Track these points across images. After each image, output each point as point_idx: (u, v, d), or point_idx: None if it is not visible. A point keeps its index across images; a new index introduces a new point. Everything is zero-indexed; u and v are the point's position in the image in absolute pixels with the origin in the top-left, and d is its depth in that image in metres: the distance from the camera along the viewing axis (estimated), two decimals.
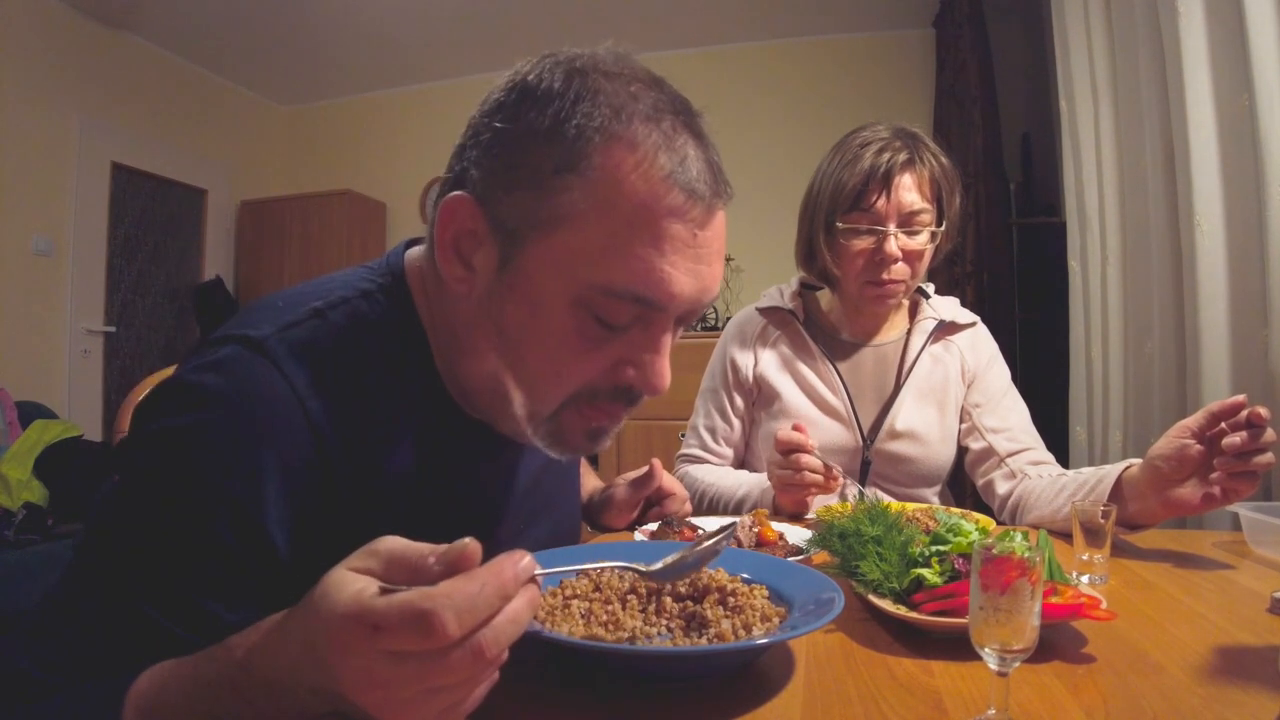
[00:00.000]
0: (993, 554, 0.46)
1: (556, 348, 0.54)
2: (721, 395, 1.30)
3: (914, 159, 1.12)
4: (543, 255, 0.52)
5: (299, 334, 0.55)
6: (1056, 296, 2.51)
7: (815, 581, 0.60)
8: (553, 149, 0.51)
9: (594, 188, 0.51)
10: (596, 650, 0.51)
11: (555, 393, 0.56)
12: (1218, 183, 1.46)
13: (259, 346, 0.53)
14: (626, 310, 0.53)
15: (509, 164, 0.53)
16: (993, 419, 1.20)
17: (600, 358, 0.55)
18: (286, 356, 0.53)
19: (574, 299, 0.52)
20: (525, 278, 0.53)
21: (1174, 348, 1.66)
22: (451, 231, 0.55)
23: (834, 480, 1.03)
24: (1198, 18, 1.47)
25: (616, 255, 0.51)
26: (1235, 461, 0.80)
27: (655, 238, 0.51)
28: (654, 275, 0.51)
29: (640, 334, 0.55)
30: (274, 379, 0.52)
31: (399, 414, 0.59)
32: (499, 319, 0.55)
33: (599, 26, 3.78)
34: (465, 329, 0.59)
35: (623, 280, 0.51)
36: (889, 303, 1.19)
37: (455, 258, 0.56)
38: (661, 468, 0.94)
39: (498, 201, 0.53)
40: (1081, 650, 0.57)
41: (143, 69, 3.79)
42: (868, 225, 1.13)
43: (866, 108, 3.62)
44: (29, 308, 3.28)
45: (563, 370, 0.55)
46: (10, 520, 2.32)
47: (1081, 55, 2.09)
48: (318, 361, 0.55)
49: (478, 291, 0.56)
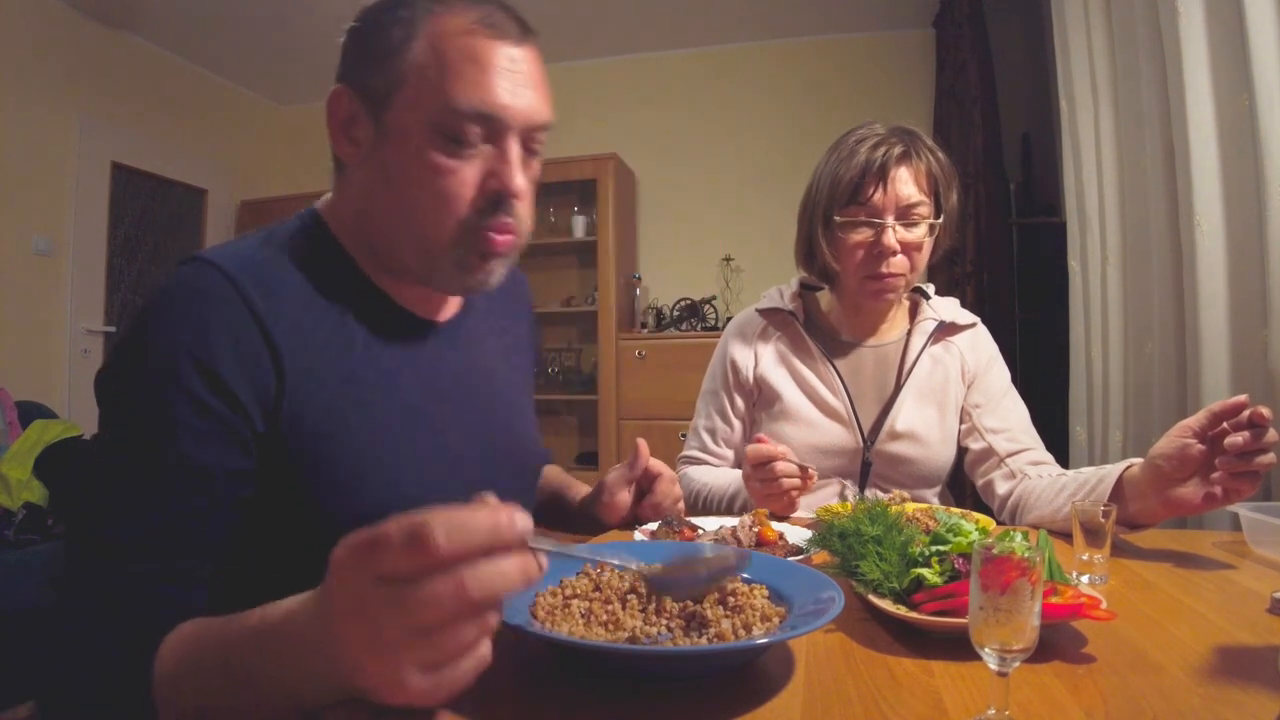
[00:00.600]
0: (993, 554, 0.46)
1: (432, 174, 0.66)
2: (722, 396, 1.30)
3: (910, 153, 1.13)
4: (401, 104, 0.67)
5: (241, 250, 0.68)
6: (1056, 296, 2.51)
7: (815, 581, 0.60)
8: (395, 29, 0.67)
9: (428, 43, 0.66)
10: (596, 650, 0.51)
11: (444, 218, 0.68)
12: (1218, 183, 1.46)
13: (206, 261, 0.65)
14: (473, 127, 0.66)
15: (366, 51, 0.69)
16: (992, 419, 1.20)
17: (467, 175, 0.67)
18: (230, 265, 0.65)
19: (431, 127, 0.66)
20: (394, 127, 0.67)
21: (1174, 348, 1.66)
22: (338, 118, 0.70)
23: (810, 479, 1.04)
24: (1198, 18, 1.47)
25: (454, 83, 0.65)
26: (1237, 461, 0.80)
27: (479, 67, 0.66)
28: (483, 92, 0.66)
29: (492, 151, 0.68)
30: (221, 280, 0.63)
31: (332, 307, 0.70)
32: (384, 169, 0.68)
33: (598, 26, 3.78)
34: (364, 198, 0.71)
35: (463, 99, 0.65)
36: (888, 297, 1.19)
37: (344, 138, 0.70)
38: (647, 448, 0.94)
39: (364, 82, 0.68)
40: (1081, 650, 0.57)
41: (143, 69, 3.79)
42: (865, 218, 1.14)
43: (867, 108, 3.62)
44: (29, 308, 3.28)
45: (441, 191, 0.67)
46: (10, 520, 2.31)
47: (1082, 55, 2.09)
48: (258, 269, 0.66)
49: (365, 156, 0.70)
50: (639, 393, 3.56)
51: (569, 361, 4.00)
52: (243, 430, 0.61)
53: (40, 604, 2.07)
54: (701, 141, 3.94)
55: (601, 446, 3.62)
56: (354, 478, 0.66)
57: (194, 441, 0.59)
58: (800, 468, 1.04)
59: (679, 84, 3.99)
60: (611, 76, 4.10)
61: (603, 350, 3.64)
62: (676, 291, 3.87)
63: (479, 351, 0.83)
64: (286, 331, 0.65)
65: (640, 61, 4.07)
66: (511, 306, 0.93)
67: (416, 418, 0.72)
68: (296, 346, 0.65)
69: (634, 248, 3.98)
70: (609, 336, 3.63)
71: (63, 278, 3.43)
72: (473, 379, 0.81)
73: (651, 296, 3.96)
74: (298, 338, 0.65)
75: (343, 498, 0.65)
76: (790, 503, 1.05)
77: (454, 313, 0.82)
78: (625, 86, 4.08)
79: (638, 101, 4.05)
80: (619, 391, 3.60)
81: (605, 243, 3.65)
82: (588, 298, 3.86)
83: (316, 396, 0.65)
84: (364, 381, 0.69)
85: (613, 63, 4.10)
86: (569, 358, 4.01)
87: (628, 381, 3.58)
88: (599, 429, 3.64)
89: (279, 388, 0.63)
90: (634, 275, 3.86)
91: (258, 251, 0.69)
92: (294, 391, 0.64)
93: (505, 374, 0.87)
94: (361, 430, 0.67)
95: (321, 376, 0.66)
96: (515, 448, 0.85)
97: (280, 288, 0.67)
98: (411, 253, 0.70)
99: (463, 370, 0.80)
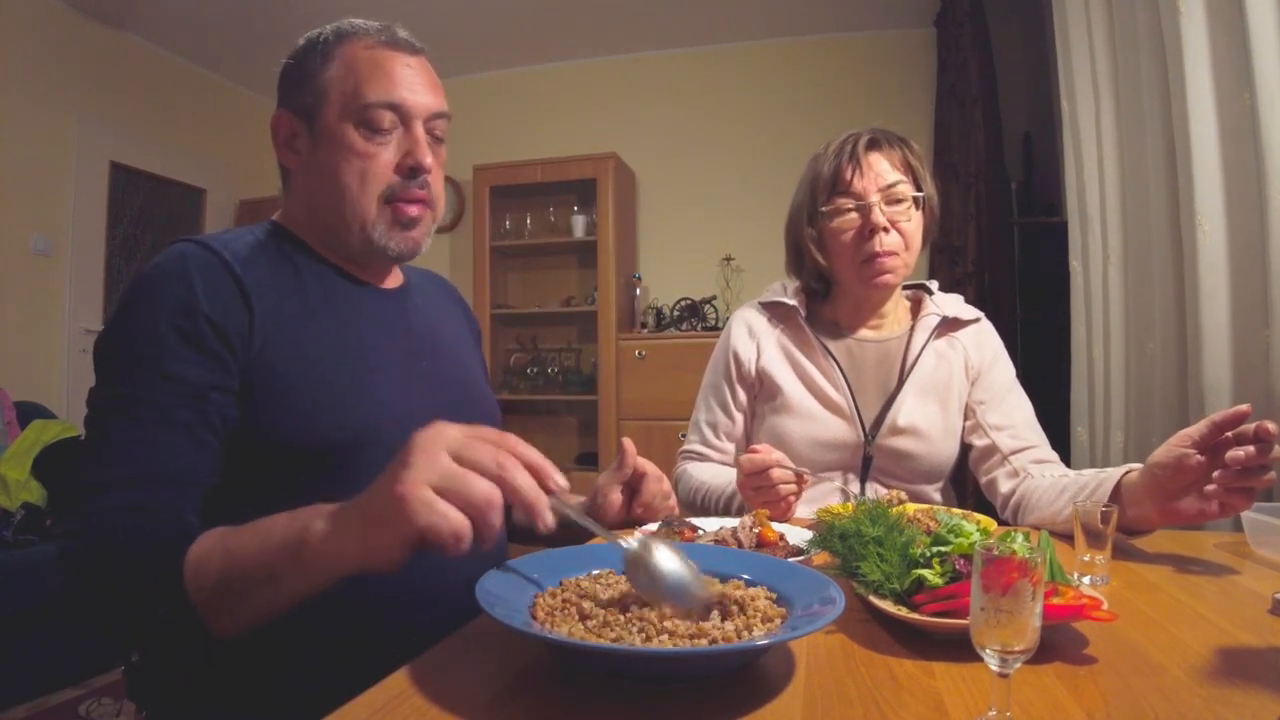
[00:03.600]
0: (994, 555, 0.46)
1: (356, 158, 0.82)
2: (724, 389, 1.30)
3: (879, 141, 1.20)
4: (328, 112, 0.83)
5: (220, 236, 0.81)
6: (1058, 296, 2.51)
7: (816, 582, 0.60)
8: (316, 57, 0.85)
9: (341, 61, 0.84)
10: (597, 651, 0.51)
11: (369, 192, 0.83)
12: (1219, 182, 1.46)
13: (191, 240, 0.78)
14: (384, 114, 0.82)
15: (296, 78, 0.86)
16: (996, 416, 1.20)
17: (384, 156, 0.83)
18: (213, 243, 0.78)
19: (353, 123, 0.82)
20: (324, 131, 0.83)
21: (1175, 347, 1.66)
22: (282, 136, 0.87)
23: (805, 482, 1.05)
24: (1199, 16, 1.47)
25: (365, 85, 0.82)
26: (1237, 476, 0.78)
27: (384, 71, 0.83)
28: (389, 88, 0.83)
29: (403, 136, 0.84)
30: (200, 248, 0.77)
31: (294, 273, 0.83)
32: (320, 166, 0.84)
33: (598, 25, 3.77)
34: (309, 194, 0.86)
35: (373, 96, 0.82)
36: (886, 280, 1.18)
37: (288, 151, 0.87)
38: (634, 447, 0.95)
39: (299, 101, 0.85)
40: (1083, 651, 0.57)
41: (141, 68, 3.78)
42: (851, 203, 1.18)
43: (867, 107, 3.62)
44: (27, 307, 3.27)
45: (365, 171, 0.82)
46: (9, 521, 2.31)
47: (1083, 54, 2.08)
48: (234, 245, 0.79)
49: (305, 162, 0.86)
50: (639, 393, 3.56)
51: (569, 362, 4.00)
52: (223, 353, 0.73)
53: (39, 604, 2.08)
54: (701, 141, 3.93)
55: (601, 447, 3.62)
56: (316, 405, 0.76)
57: (182, 364, 0.71)
58: (796, 473, 1.03)
59: (679, 83, 3.98)
60: (611, 76, 4.10)
61: (602, 350, 3.64)
62: (676, 291, 3.86)
63: (425, 315, 0.97)
64: (256, 283, 0.77)
65: (640, 61, 4.06)
66: (454, 307, 1.07)
67: (371, 355, 0.84)
68: (265, 294, 0.77)
69: (634, 248, 3.97)
70: (609, 336, 3.63)
71: (61, 277, 3.43)
72: (423, 332, 0.94)
73: (651, 296, 3.96)
74: (264, 286, 0.78)
75: (306, 423, 0.75)
76: (788, 508, 1.04)
77: (399, 284, 0.96)
78: (625, 86, 4.08)
79: (637, 101, 4.05)
80: (619, 392, 3.60)
81: (605, 242, 3.65)
82: (587, 298, 3.86)
83: (280, 330, 0.77)
84: (322, 324, 0.81)
85: (613, 62, 4.10)
86: (569, 358, 4.01)
87: (628, 382, 3.58)
88: (599, 429, 3.63)
89: (250, 323, 0.75)
90: (634, 275, 3.86)
91: (236, 234, 0.83)
92: (261, 327, 0.75)
93: (453, 340, 1.00)
94: (320, 362, 0.78)
95: (285, 315, 0.78)
96: (467, 396, 0.96)
97: (251, 256, 0.80)
98: (349, 231, 0.84)
99: (413, 324, 0.93)
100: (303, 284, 0.83)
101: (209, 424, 0.71)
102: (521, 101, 4.22)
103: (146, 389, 0.70)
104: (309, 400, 0.75)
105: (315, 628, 0.71)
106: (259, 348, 0.74)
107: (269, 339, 0.75)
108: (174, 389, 0.70)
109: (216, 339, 0.72)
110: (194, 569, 0.61)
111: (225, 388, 0.72)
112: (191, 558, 0.62)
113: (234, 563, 0.61)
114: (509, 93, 4.23)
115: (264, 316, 0.76)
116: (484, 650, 0.59)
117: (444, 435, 0.55)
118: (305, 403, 0.75)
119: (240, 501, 0.69)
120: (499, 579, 0.60)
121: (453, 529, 0.52)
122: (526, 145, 4.02)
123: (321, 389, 0.77)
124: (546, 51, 4.06)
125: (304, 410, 0.75)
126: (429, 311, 0.98)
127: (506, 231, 4.00)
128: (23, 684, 2.14)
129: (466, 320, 1.09)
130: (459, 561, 0.55)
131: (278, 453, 0.74)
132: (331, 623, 0.72)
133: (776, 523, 0.93)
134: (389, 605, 0.75)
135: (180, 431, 0.69)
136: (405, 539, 0.53)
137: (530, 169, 3.76)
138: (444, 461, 0.54)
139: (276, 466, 0.74)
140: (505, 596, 0.57)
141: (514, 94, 4.22)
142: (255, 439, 0.74)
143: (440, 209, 0.90)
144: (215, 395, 0.71)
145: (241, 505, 0.67)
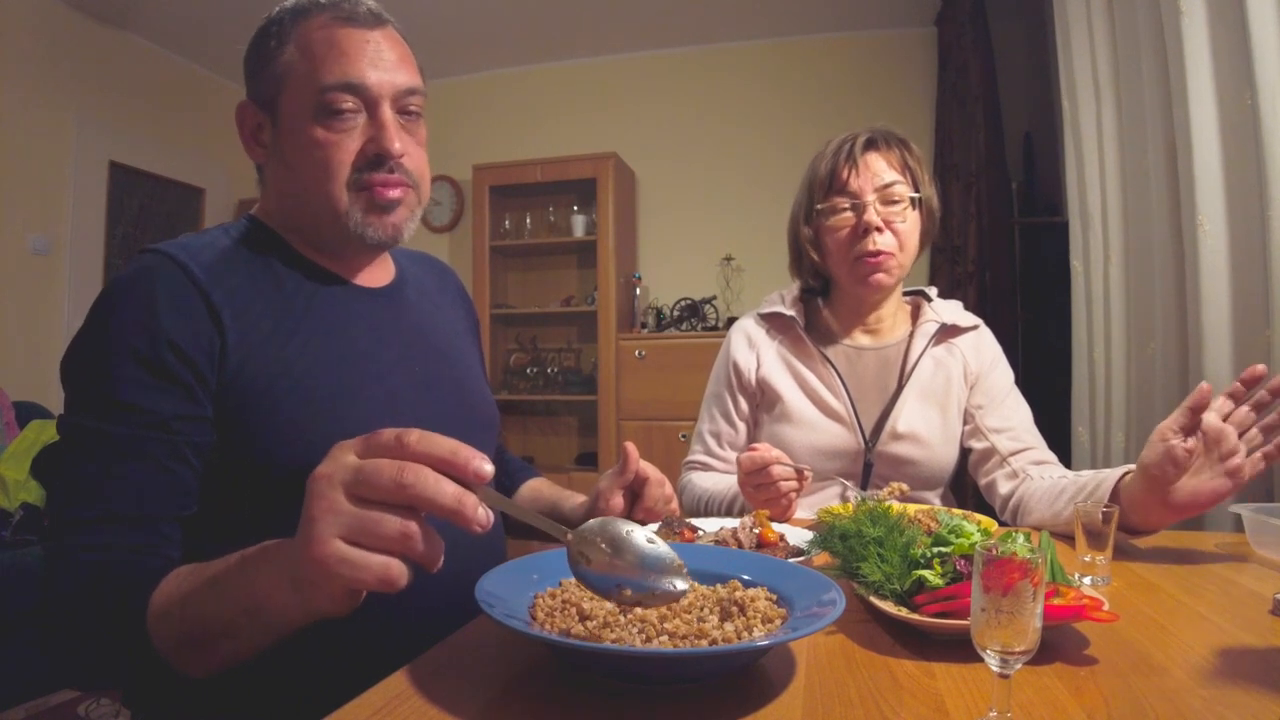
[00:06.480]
0: (995, 555, 0.46)
1: (318, 149, 0.77)
2: (726, 399, 1.31)
3: (877, 141, 1.21)
4: (288, 96, 0.78)
5: (192, 240, 0.77)
6: (1058, 296, 2.51)
7: (816, 583, 0.60)
8: (271, 41, 0.79)
9: (295, 45, 0.78)
10: (596, 651, 0.51)
11: (334, 183, 0.77)
12: (1220, 182, 1.46)
13: (152, 250, 0.74)
14: (344, 98, 0.76)
15: (254, 66, 0.81)
16: (995, 419, 1.20)
17: (347, 144, 0.77)
18: (174, 249, 0.74)
19: (312, 109, 0.76)
20: (285, 117, 0.78)
21: (1176, 348, 1.66)
22: (247, 128, 0.83)
23: (805, 479, 1.04)
24: (1200, 16, 1.46)
25: (320, 68, 0.76)
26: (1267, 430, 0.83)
27: (339, 51, 0.77)
28: (346, 67, 0.76)
29: (368, 120, 0.78)
30: (164, 261, 0.72)
31: (272, 276, 0.79)
32: (285, 156, 0.79)
33: (598, 25, 3.77)
34: (279, 187, 0.82)
35: (329, 78, 0.76)
36: (879, 279, 1.19)
37: (255, 144, 0.83)
38: (636, 452, 0.93)
39: (259, 90, 0.80)
40: (1084, 652, 0.57)
41: (140, 68, 3.78)
42: (847, 202, 1.19)
43: (868, 106, 3.61)
44: (26, 307, 3.27)
45: (326, 161, 0.77)
46: (7, 521, 2.31)
47: (1084, 54, 2.08)
48: (202, 251, 0.75)
49: (271, 154, 0.81)
50: (639, 393, 3.56)
51: (568, 362, 3.99)
52: (188, 379, 0.68)
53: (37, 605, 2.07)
54: (701, 141, 3.93)
55: (601, 447, 3.62)
56: (304, 422, 0.72)
57: (145, 392, 0.67)
58: (796, 470, 1.03)
59: (679, 83, 3.98)
60: (611, 76, 4.10)
61: (602, 350, 3.64)
62: (676, 291, 3.86)
63: (418, 313, 0.91)
64: (227, 299, 0.72)
65: (640, 60, 4.06)
66: (449, 296, 1.02)
67: (361, 363, 0.79)
68: (239, 311, 0.73)
69: (634, 247, 3.97)
70: (609, 336, 3.63)
71: (60, 277, 3.43)
72: (416, 334, 0.88)
73: (651, 296, 3.96)
74: (238, 301, 0.73)
75: (294, 440, 0.71)
76: (788, 506, 1.04)
77: (389, 281, 0.90)
78: (625, 86, 4.07)
79: (637, 101, 4.04)
80: (619, 392, 3.59)
81: (605, 242, 3.65)
82: (587, 298, 3.85)
83: (259, 349, 0.72)
84: (306, 333, 0.76)
85: (612, 62, 4.10)
86: (568, 358, 4.00)
87: (627, 382, 3.58)
88: (599, 429, 3.63)
89: (222, 345, 0.70)
90: (634, 275, 3.86)
91: (208, 238, 0.79)
92: (237, 347, 0.71)
93: (449, 338, 0.95)
94: (306, 376, 0.74)
95: (262, 329, 0.73)
96: (463, 400, 0.91)
97: (224, 266, 0.75)
98: (323, 223, 0.80)
99: (405, 326, 0.88)
100: (283, 292, 0.78)
101: (177, 454, 0.68)
102: (521, 101, 4.21)
103: (110, 421, 0.66)
104: (297, 417, 0.72)
105: (314, 629, 0.71)
106: (235, 368, 0.70)
107: (247, 358, 0.71)
108: (138, 419, 0.66)
109: (181, 365, 0.68)
110: (156, 620, 0.59)
111: (193, 415, 0.69)
112: (154, 609, 0.59)
113: (192, 614, 0.58)
114: (509, 93, 4.22)
115: (239, 335, 0.72)
116: (484, 651, 0.59)
117: (337, 471, 0.48)
118: (293, 420, 0.71)
119: (232, 524, 0.68)
120: (498, 579, 0.60)
121: (378, 577, 0.48)
122: (526, 145, 4.02)
123: (309, 404, 0.73)
124: (546, 51, 4.06)
125: (292, 428, 0.71)
126: (422, 308, 0.93)
127: (506, 231, 4.00)
128: (22, 684, 2.14)
129: (464, 308, 1.04)
130: (458, 562, 0.55)
131: (266, 473, 0.71)
132: (330, 624, 0.71)
133: (777, 523, 0.93)
134: (388, 606, 0.75)
135: (149, 464, 0.66)
136: (340, 595, 0.50)
137: (530, 169, 3.76)
138: (342, 505, 0.48)
139: (266, 487, 0.71)
140: (505, 597, 0.57)
141: (514, 94, 4.22)
142: (241, 460, 0.70)
143: (425, 191, 0.84)
144: (181, 424, 0.68)
145: (234, 526, 0.65)
